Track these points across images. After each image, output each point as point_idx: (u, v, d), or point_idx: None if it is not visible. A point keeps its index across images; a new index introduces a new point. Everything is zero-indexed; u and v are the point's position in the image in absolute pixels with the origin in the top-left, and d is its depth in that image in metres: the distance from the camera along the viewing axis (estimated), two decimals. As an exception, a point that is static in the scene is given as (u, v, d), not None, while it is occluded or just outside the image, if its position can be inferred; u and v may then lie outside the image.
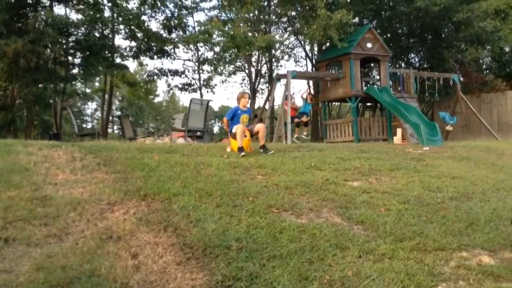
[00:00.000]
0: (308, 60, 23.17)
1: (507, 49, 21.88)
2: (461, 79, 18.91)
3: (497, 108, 18.05)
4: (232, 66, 22.87)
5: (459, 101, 16.79)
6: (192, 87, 23.54)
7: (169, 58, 21.38)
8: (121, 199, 4.38)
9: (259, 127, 7.88)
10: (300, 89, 73.41)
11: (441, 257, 4.03)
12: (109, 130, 35.85)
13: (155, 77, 22.86)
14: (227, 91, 70.82)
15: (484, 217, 5.16)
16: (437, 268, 3.80)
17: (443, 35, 19.99)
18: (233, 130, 7.58)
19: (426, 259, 3.95)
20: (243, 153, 7.18)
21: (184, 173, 5.52)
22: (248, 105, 8.15)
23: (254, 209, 4.53)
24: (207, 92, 24.75)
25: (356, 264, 3.65)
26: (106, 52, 19.18)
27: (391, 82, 15.84)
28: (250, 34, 16.84)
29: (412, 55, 22.28)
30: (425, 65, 20.94)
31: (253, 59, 21.60)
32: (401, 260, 3.85)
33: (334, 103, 20.31)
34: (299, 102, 16.61)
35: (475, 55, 19.45)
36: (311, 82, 20.21)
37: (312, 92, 17.49)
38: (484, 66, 22.83)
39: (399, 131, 13.67)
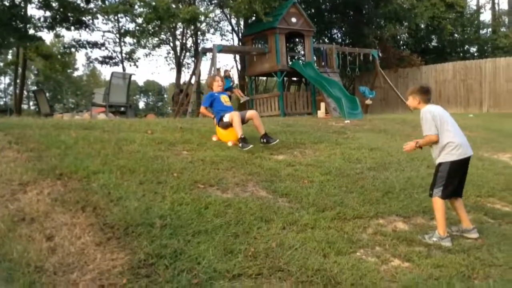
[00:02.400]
0: (234, 34, 23.01)
1: (422, 26, 23.06)
2: (380, 54, 19.71)
3: (412, 82, 19.01)
4: (156, 38, 22.17)
5: (378, 76, 17.54)
6: (114, 60, 22.61)
7: (87, 29, 20.27)
8: (35, 179, 4.11)
9: (252, 113, 6.85)
10: (227, 63, 72.76)
11: (359, 225, 4.23)
12: (25, 107, 33.63)
13: (72, 49, 21.62)
14: (151, 65, 68.41)
15: (399, 185, 5.48)
16: (355, 235, 3.98)
17: (364, 12, 20.62)
18: (226, 119, 6.51)
19: (346, 227, 4.12)
20: (250, 146, 6.13)
21: (105, 150, 5.28)
22: (220, 88, 7.03)
23: (179, 185, 4.46)
24: (130, 65, 23.94)
25: (280, 236, 3.72)
26: (18, 22, 17.76)
27: (315, 57, 16.15)
28: (173, 5, 16.32)
29: (335, 30, 22.83)
30: (347, 41, 21.57)
31: (178, 32, 21.07)
32: (323, 229, 3.99)
33: (260, 77, 20.42)
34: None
35: (393, 31, 20.30)
36: (237, 56, 20.13)
37: (229, 69, 17.39)
38: (401, 42, 23.94)
39: (322, 105, 14.05)
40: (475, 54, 26.01)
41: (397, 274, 3.34)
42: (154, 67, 72.37)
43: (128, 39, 21.96)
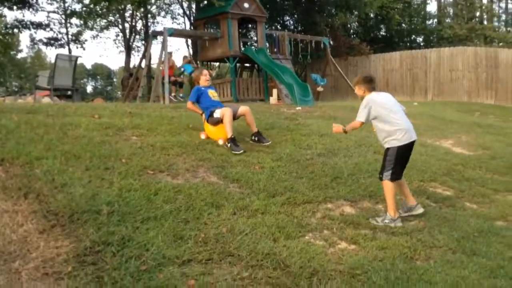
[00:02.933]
0: (186, 18, 22.60)
1: (371, 15, 23.55)
2: (331, 42, 19.99)
3: (362, 70, 19.44)
4: (104, 20, 21.42)
5: (329, 64, 17.78)
6: (59, 42, 21.67)
7: (31, 9, 19.27)
8: (-28, 165, 3.90)
9: (245, 109, 6.40)
10: (179, 48, 71.14)
11: (308, 209, 4.31)
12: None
13: (15, 30, 20.51)
14: (99, 47, 66.08)
15: (347, 171, 5.62)
16: (305, 220, 4.06)
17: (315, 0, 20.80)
18: (217, 115, 6.02)
19: (296, 212, 4.19)
20: (241, 150, 5.64)
21: (48, 135, 5.07)
22: (208, 82, 6.54)
23: (127, 171, 4.36)
24: (77, 47, 23.01)
25: (230, 221, 3.74)
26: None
27: (267, 44, 16.15)
28: (123, -14, 15.77)
29: (287, 17, 22.89)
30: (299, 28, 21.69)
31: (127, 14, 20.45)
32: (273, 214, 4.04)
33: (213, 63, 20.24)
34: (180, 62, 16.19)
35: (344, 20, 20.62)
36: (189, 41, 19.81)
37: (187, 54, 17.11)
38: (351, 31, 24.37)
39: (274, 91, 14.10)
40: (421, 44, 26.91)
41: (344, 257, 3.44)
42: (102, 49, 69.83)
43: (74, 20, 21.10)
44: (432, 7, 38.89)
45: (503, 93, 16.41)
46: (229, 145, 5.75)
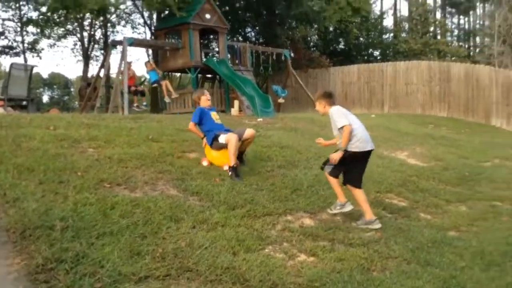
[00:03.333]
0: (146, 28, 22.39)
1: (331, 29, 24.09)
2: (292, 55, 20.28)
3: (321, 82, 19.83)
4: (62, 29, 20.90)
5: (289, 76, 18.02)
6: (15, 51, 20.94)
7: (-16, 16, 18.56)
8: None
9: (251, 134, 5.98)
10: (139, 58, 70.10)
11: (269, 222, 4.33)
12: None
13: (-34, 37, 19.72)
14: (56, 56, 64.33)
15: (307, 182, 5.68)
16: (265, 232, 4.07)
17: (276, 12, 21.07)
18: (222, 141, 5.62)
19: (256, 225, 4.20)
20: (240, 180, 5.32)
21: (1, 147, 4.89)
22: (209, 103, 6.27)
23: (83, 185, 4.25)
24: (33, 56, 22.28)
25: (190, 235, 3.70)
26: None
27: (229, 55, 16.21)
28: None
29: (249, 29, 23.09)
30: (260, 40, 21.90)
31: (86, 23, 20.04)
32: (233, 227, 4.02)
33: (174, 73, 20.11)
34: (140, 71, 15.97)
35: (304, 32, 20.99)
36: (150, 51, 19.62)
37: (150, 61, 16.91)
38: (311, 44, 24.81)
39: (236, 103, 14.14)
40: (378, 57, 27.72)
41: (303, 269, 3.47)
42: (60, 58, 67.98)
43: (30, 29, 20.48)
44: (388, 22, 40.23)
45: (455, 106, 17.09)
46: (230, 173, 5.45)
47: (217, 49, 17.08)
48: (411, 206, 5.65)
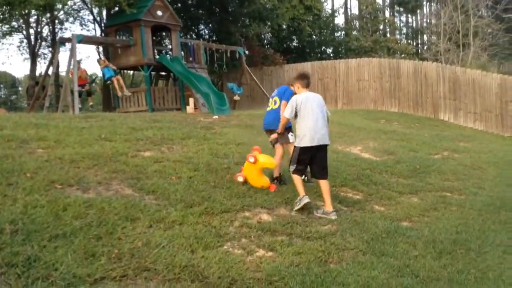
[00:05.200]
0: (96, 25, 21.74)
1: (284, 27, 24.28)
2: (246, 52, 20.30)
3: (276, 79, 19.94)
4: (7, 26, 19.96)
5: (244, 73, 18.04)
6: (-46, 48, 19.79)
7: None
8: None
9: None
10: (89, 55, 68.36)
11: (226, 219, 4.32)
12: None
13: None
14: (1, 54, 61.46)
15: (264, 178, 5.69)
16: (223, 229, 4.06)
17: (229, 10, 21.03)
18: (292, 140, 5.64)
19: (214, 222, 4.17)
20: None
21: None
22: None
23: (32, 187, 4.08)
24: (-24, 54, 21.07)
25: (146, 234, 3.63)
26: None
27: (182, 52, 16.03)
28: (26, -10, 14.82)
29: (202, 26, 22.89)
30: (214, 38, 21.77)
31: (32, 20, 19.22)
32: (191, 225, 3.99)
33: (127, 71, 19.66)
34: (93, 69, 15.49)
35: (258, 30, 21.03)
36: (100, 48, 19.10)
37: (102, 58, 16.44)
38: (265, 41, 24.92)
39: (191, 100, 14.01)
40: (331, 55, 28.23)
41: (262, 264, 3.48)
42: (5, 57, 64.86)
43: (-29, 25, 19.43)
44: (340, 20, 41.02)
45: (405, 101, 17.65)
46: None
47: (170, 47, 16.87)
48: (365, 198, 5.79)
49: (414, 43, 39.01)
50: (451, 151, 9.61)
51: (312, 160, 5.00)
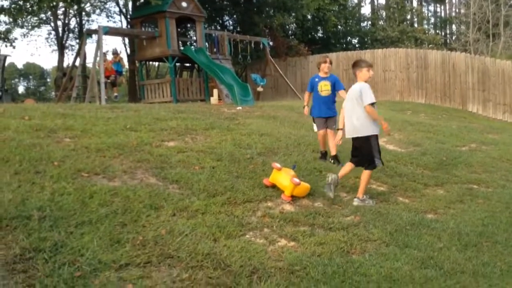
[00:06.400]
0: (122, 17, 22.03)
1: (309, 17, 24.07)
2: (270, 43, 20.23)
3: (300, 71, 19.85)
4: (36, 18, 20.39)
5: (268, 64, 17.99)
6: (-14, 40, 20.32)
7: (-49, 3, 17.94)
8: None
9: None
10: (115, 47, 69.31)
11: (249, 209, 4.34)
12: None
13: None
14: (30, 46, 62.56)
15: (287, 169, 5.68)
16: (245, 219, 4.08)
17: (254, 0, 20.96)
18: (315, 129, 6.63)
19: (236, 211, 4.20)
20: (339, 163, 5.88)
21: (-27, 138, 4.77)
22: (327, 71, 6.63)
23: (60, 174, 4.18)
24: (6, 46, 21.64)
25: (170, 223, 3.68)
26: None
27: (207, 44, 16.08)
28: (54, -18, 15.11)
29: (226, 17, 22.90)
30: (238, 29, 21.76)
31: (60, 12, 19.58)
32: (213, 214, 4.02)
33: (152, 62, 19.86)
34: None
35: (282, 21, 20.92)
36: (126, 40, 19.33)
37: (119, 51, 16.58)
38: (290, 32, 24.77)
39: (215, 91, 14.07)
40: (356, 45, 27.87)
41: (283, 254, 3.49)
42: (34, 48, 66.17)
43: (3, 17, 19.92)
44: (366, 10, 40.39)
45: (432, 92, 17.31)
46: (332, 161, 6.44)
47: (194, 38, 16.96)
48: (389, 190, 5.73)
49: (443, 33, 38.11)
50: (479, 143, 9.38)
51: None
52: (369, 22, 31.03)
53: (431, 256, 3.66)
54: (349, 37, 28.11)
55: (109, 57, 14.69)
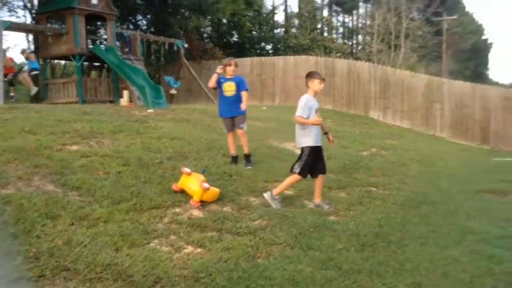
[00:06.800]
0: (27, 11, 20.61)
1: (225, 21, 24.19)
2: (185, 45, 20.02)
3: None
4: None
5: (182, 67, 17.80)
6: None
7: None
8: None
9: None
10: (16, 44, 64.70)
11: (156, 215, 4.24)
12: None
13: None
14: None
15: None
16: (151, 226, 3.98)
17: (169, 1, 20.62)
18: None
19: (142, 218, 4.09)
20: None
21: None
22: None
23: None
24: None
25: (68, 232, 3.49)
26: None
27: (118, 43, 15.54)
28: None
29: (140, 17, 22.31)
30: (152, 29, 21.28)
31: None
32: (117, 222, 3.88)
33: (58, 61, 18.74)
34: (19, 59, 14.65)
35: (197, 23, 20.81)
36: (30, 36, 18.10)
37: (30, 49, 15.55)
38: (205, 35, 24.71)
39: (126, 93, 13.62)
40: (270, 51, 28.48)
41: (189, 261, 3.45)
42: None
43: None
44: (280, 17, 41.47)
45: (339, 99, 18.19)
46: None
47: (105, 37, 16.30)
48: (296, 194, 5.90)
49: (350, 43, 40.25)
50: (379, 148, 10.01)
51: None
52: (283, 29, 31.88)
53: (331, 257, 3.81)
54: (263, 43, 28.63)
55: (9, 54, 13.67)
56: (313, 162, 5.25)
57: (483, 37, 63.91)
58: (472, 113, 16.05)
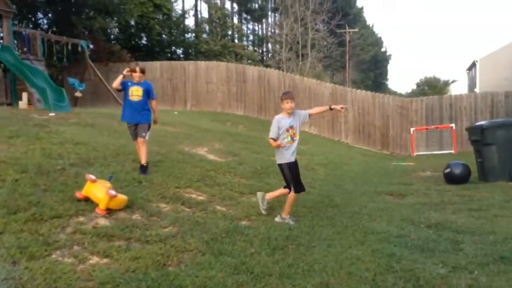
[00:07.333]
0: None
1: (132, 23, 23.51)
2: (91, 46, 19.14)
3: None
4: None
5: (88, 68, 16.98)
6: None
7: None
8: None
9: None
10: None
11: (57, 225, 3.99)
12: None
13: None
14: None
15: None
16: (52, 237, 3.73)
17: (72, 0, 19.61)
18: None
19: (42, 229, 3.82)
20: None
21: None
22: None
23: None
24: None
25: (-45, 247, 3.15)
26: None
27: (16, 42, 14.46)
28: None
29: (40, 15, 20.95)
30: (54, 28, 20.09)
31: None
32: (14, 234, 3.60)
33: None
34: None
35: (103, 24, 20.03)
36: None
37: None
38: (112, 37, 23.84)
39: (25, 95, 12.69)
40: (181, 56, 28.21)
41: (94, 272, 3.28)
42: None
43: None
44: (190, 22, 41.20)
45: (250, 105, 18.50)
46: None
47: (1, 35, 15.09)
48: (208, 199, 5.86)
49: (260, 51, 41.14)
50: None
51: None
52: (193, 34, 31.74)
53: (243, 262, 3.83)
54: (173, 47, 28.28)
55: None
56: (296, 174, 5.36)
57: (382, 49, 68.88)
58: (373, 120, 17.13)
